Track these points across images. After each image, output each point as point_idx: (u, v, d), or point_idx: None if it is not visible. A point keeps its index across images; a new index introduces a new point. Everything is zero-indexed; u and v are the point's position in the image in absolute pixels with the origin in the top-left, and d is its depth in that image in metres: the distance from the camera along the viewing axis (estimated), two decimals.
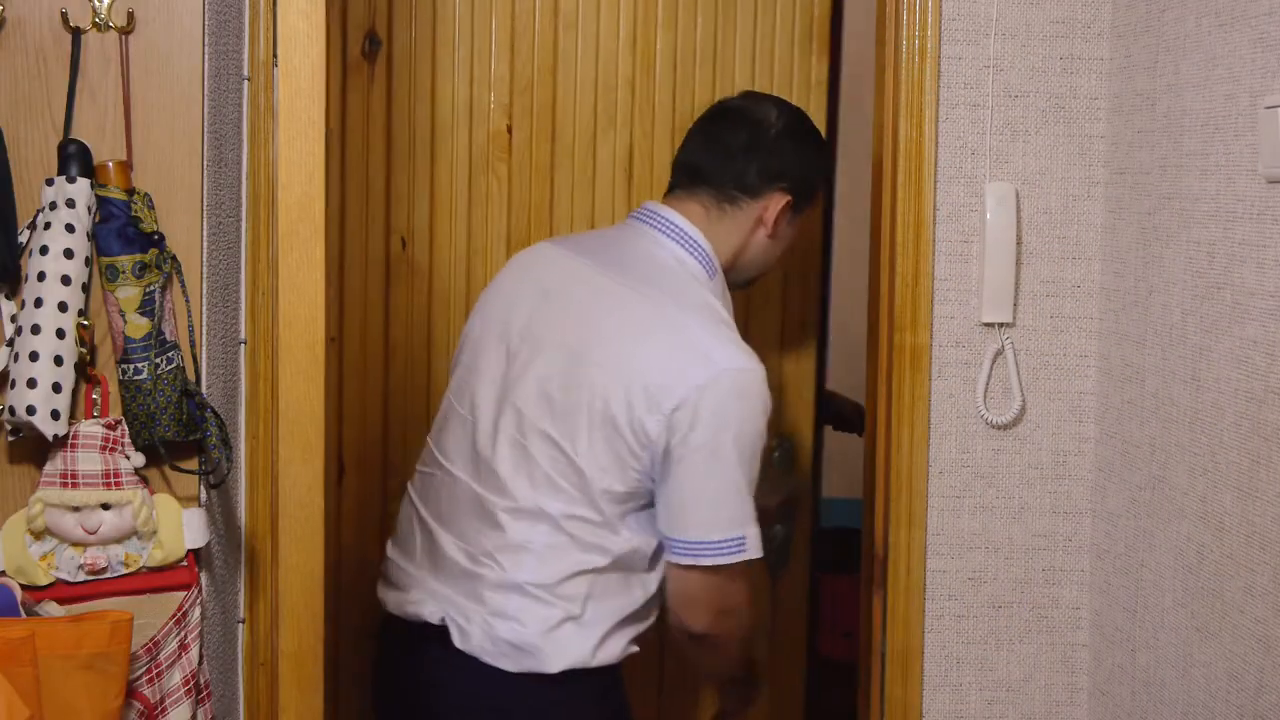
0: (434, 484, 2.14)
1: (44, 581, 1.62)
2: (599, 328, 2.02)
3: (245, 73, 1.78)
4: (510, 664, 2.00)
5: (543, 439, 2.01)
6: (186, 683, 1.66)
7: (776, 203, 2.16)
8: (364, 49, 2.62)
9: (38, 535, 1.62)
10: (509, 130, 2.63)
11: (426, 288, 2.63)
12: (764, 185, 2.14)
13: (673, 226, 2.12)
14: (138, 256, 1.61)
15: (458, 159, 2.64)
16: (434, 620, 2.05)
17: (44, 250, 1.58)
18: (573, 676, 2.01)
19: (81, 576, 1.63)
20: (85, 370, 1.63)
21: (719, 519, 1.97)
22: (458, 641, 2.02)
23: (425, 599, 2.07)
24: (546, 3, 2.63)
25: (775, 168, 2.15)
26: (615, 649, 2.04)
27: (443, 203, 2.63)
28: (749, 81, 2.67)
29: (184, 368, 1.65)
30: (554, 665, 1.99)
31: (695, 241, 2.11)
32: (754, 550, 1.99)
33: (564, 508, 2.00)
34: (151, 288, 1.62)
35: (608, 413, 1.97)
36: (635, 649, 2.07)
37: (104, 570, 1.63)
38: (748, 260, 2.19)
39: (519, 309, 2.11)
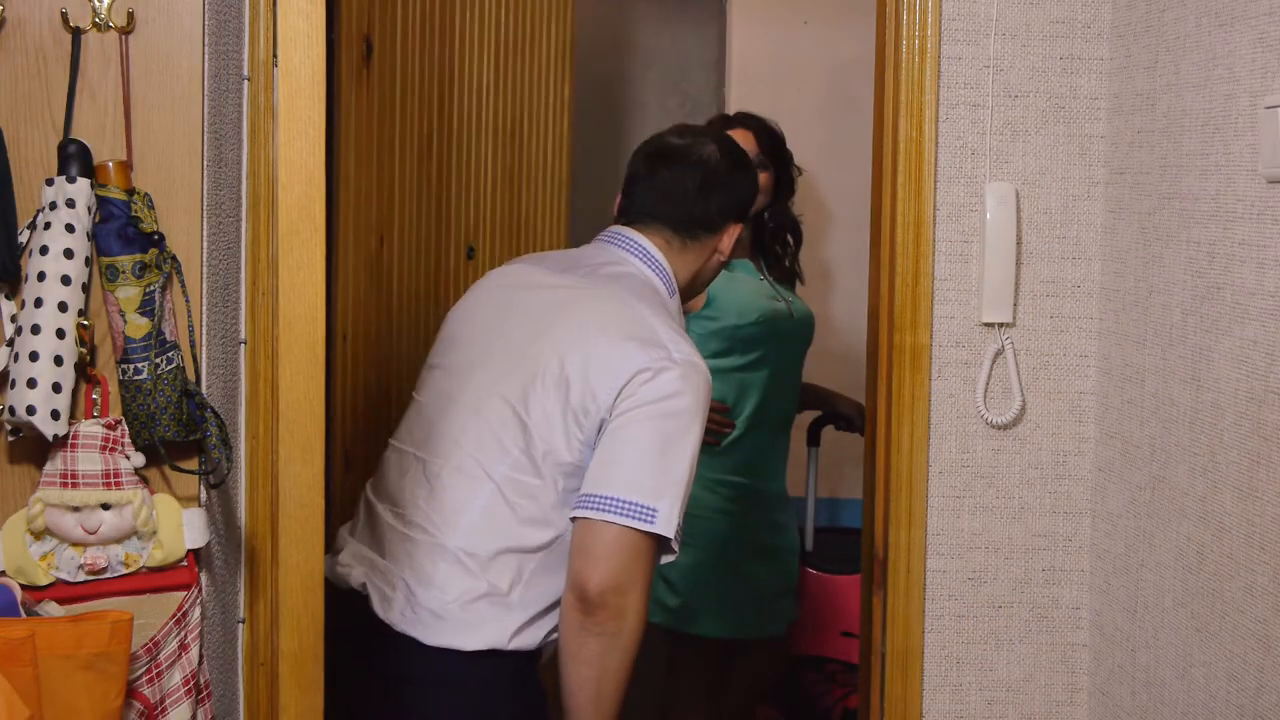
0: (383, 466, 2.21)
1: (44, 581, 1.62)
2: (560, 311, 2.10)
3: (245, 73, 1.78)
4: (426, 635, 2.01)
5: (498, 400, 2.06)
6: (186, 683, 1.66)
7: (732, 233, 2.25)
8: (363, 53, 2.64)
9: (38, 535, 1.62)
10: (430, 134, 2.76)
11: (395, 283, 2.71)
12: (723, 221, 2.23)
13: (638, 247, 2.20)
14: (138, 256, 1.61)
15: (411, 159, 2.72)
16: (357, 585, 2.09)
17: (44, 250, 1.58)
18: (488, 657, 2.01)
19: (81, 576, 1.63)
20: (85, 370, 1.62)
21: (640, 483, 1.96)
22: (377, 608, 2.05)
23: (353, 564, 2.12)
24: (445, 16, 2.80)
25: (731, 203, 2.24)
26: (535, 636, 2.04)
27: (405, 201, 2.70)
28: (524, 100, 3.00)
29: (184, 368, 1.65)
30: (469, 643, 2.00)
31: (659, 262, 2.20)
32: (663, 526, 1.95)
33: (508, 471, 2.02)
34: (151, 288, 1.62)
35: (562, 374, 2.01)
36: (555, 636, 2.07)
37: (104, 570, 1.63)
38: (700, 282, 2.30)
39: (490, 317, 2.18)
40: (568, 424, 2.01)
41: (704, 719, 3.30)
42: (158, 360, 1.62)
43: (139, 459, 1.64)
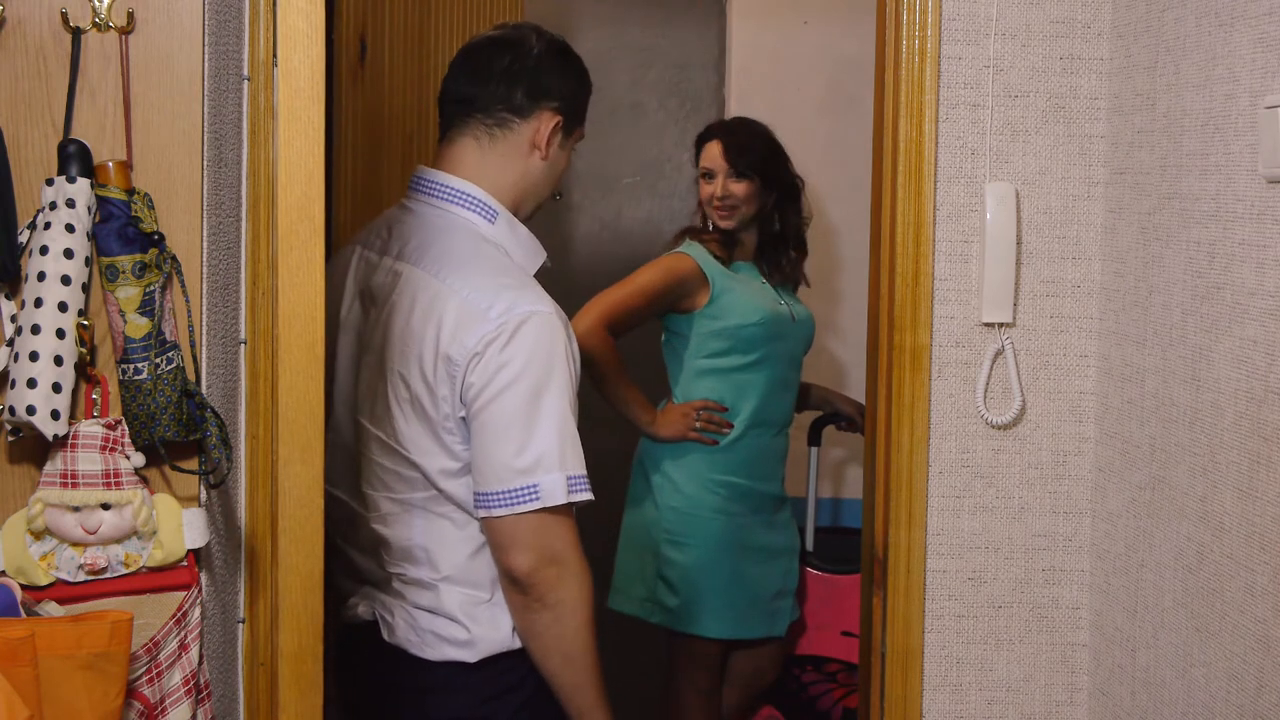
0: (333, 509, 2.19)
1: (44, 581, 1.62)
2: (394, 318, 2.04)
3: (245, 73, 1.78)
4: (433, 653, 2.05)
5: (377, 443, 2.06)
6: (186, 683, 1.66)
7: (547, 123, 2.11)
8: (358, 53, 2.65)
9: (38, 535, 1.62)
10: (412, 135, 2.76)
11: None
12: (532, 105, 2.10)
13: (444, 189, 2.10)
14: (138, 256, 1.61)
15: (396, 160, 2.72)
16: (367, 617, 2.12)
17: (44, 250, 1.58)
18: (493, 661, 2.04)
19: (81, 576, 1.63)
20: (85, 370, 1.62)
21: (510, 468, 1.93)
22: (385, 635, 2.09)
23: (359, 601, 2.15)
24: (424, 18, 2.76)
25: (541, 86, 2.11)
26: None
27: (392, 202, 2.73)
28: None
29: (184, 368, 1.65)
30: (473, 654, 2.03)
31: (468, 195, 2.08)
32: (550, 497, 1.93)
33: (421, 494, 2.04)
34: (151, 288, 1.62)
35: (412, 396, 2.00)
36: None
37: (104, 570, 1.63)
38: (529, 188, 2.14)
39: (345, 344, 2.15)
40: (440, 438, 2.00)
41: (705, 718, 3.30)
42: (158, 360, 1.62)
43: (139, 459, 1.64)
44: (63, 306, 1.58)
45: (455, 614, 2.03)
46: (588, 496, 1.97)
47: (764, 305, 3.22)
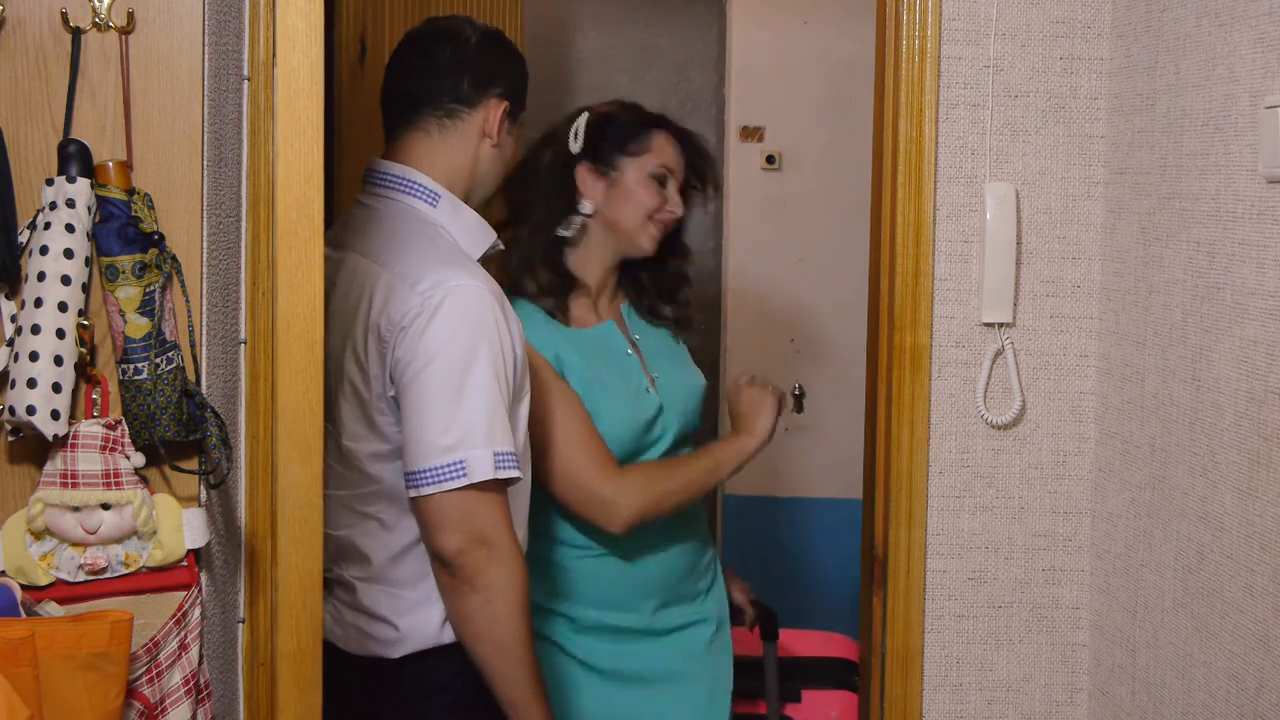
0: None
1: (44, 581, 1.62)
2: (330, 303, 2.03)
3: (245, 73, 1.78)
4: (357, 648, 2.06)
5: (330, 437, 2.04)
6: (186, 683, 1.66)
7: (495, 109, 2.13)
8: (358, 53, 2.65)
9: (38, 535, 1.62)
10: None
11: None
12: (479, 93, 2.13)
13: (389, 177, 2.12)
14: (138, 256, 1.61)
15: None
16: None
17: (44, 250, 1.58)
18: (418, 658, 2.04)
19: (81, 576, 1.63)
20: (85, 370, 1.62)
21: (437, 446, 1.93)
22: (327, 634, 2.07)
23: None
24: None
25: (486, 74, 2.13)
26: None
27: None
28: None
29: (184, 368, 1.65)
30: (398, 650, 2.04)
31: (408, 180, 2.10)
32: (478, 473, 1.92)
33: (349, 490, 2.05)
34: (151, 288, 1.62)
35: (347, 381, 2.01)
36: None
37: (104, 570, 1.63)
38: (481, 175, 2.16)
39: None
40: (373, 420, 2.01)
41: None
42: (158, 360, 1.62)
43: (139, 459, 1.64)
44: (63, 306, 1.58)
45: (380, 611, 2.04)
46: (515, 473, 1.96)
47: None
